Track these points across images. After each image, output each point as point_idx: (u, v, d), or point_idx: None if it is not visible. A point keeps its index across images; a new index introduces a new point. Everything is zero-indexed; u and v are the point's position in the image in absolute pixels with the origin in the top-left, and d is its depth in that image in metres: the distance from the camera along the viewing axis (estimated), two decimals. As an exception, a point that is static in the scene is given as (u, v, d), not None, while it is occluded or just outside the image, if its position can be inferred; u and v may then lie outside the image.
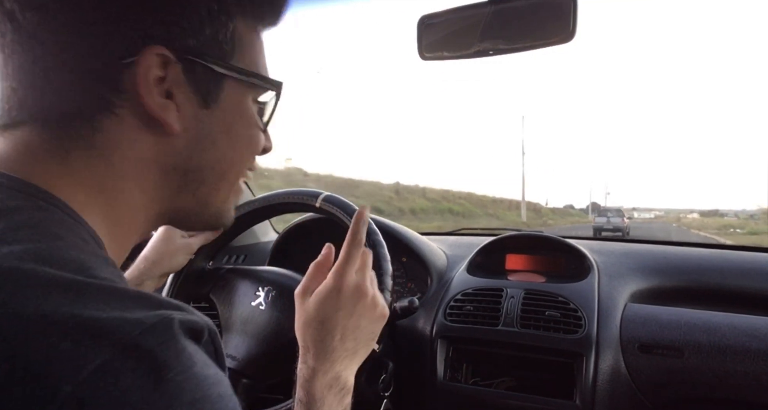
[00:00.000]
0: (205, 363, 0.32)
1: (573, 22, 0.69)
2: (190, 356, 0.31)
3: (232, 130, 0.45)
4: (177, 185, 0.43)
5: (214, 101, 0.42)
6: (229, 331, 0.87)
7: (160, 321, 0.30)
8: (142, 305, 0.31)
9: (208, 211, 0.47)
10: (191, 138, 0.42)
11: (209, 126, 0.43)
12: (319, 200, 0.91)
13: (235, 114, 0.45)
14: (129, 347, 0.28)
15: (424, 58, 0.81)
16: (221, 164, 0.45)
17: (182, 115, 0.41)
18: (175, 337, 0.31)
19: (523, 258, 1.16)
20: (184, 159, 0.42)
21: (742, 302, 0.98)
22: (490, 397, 0.95)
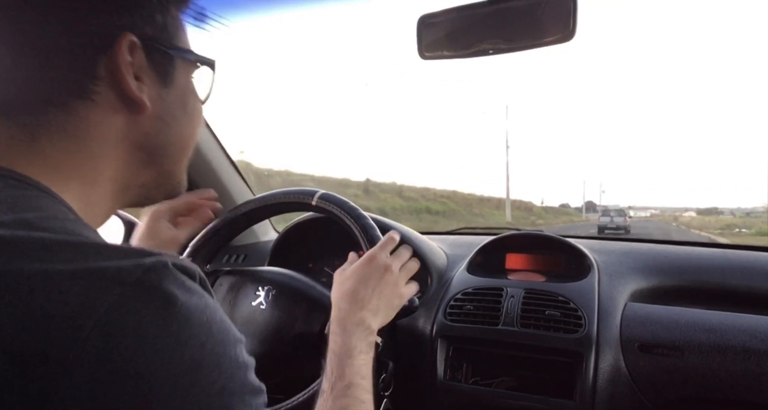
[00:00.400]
0: (204, 294, 0.36)
1: (573, 22, 0.69)
2: (190, 288, 0.35)
3: (187, 105, 0.50)
4: (144, 161, 0.47)
5: (171, 81, 0.47)
6: None
7: (157, 262, 0.34)
8: (137, 254, 0.35)
9: (169, 181, 0.51)
10: (157, 116, 0.46)
11: (170, 104, 0.47)
12: (315, 199, 0.91)
13: (186, 91, 0.50)
14: (136, 284, 0.32)
15: (424, 58, 0.81)
16: (183, 138, 0.50)
17: (149, 95, 0.45)
18: (173, 273, 0.35)
19: (523, 258, 1.15)
20: (152, 136, 0.47)
21: (742, 302, 0.98)
22: (490, 397, 0.95)
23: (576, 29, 0.69)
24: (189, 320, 0.33)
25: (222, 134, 1.29)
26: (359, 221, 0.86)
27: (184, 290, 0.34)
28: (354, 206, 0.89)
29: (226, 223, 0.97)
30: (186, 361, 0.32)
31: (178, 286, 0.34)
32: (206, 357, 0.33)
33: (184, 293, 0.34)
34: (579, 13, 0.68)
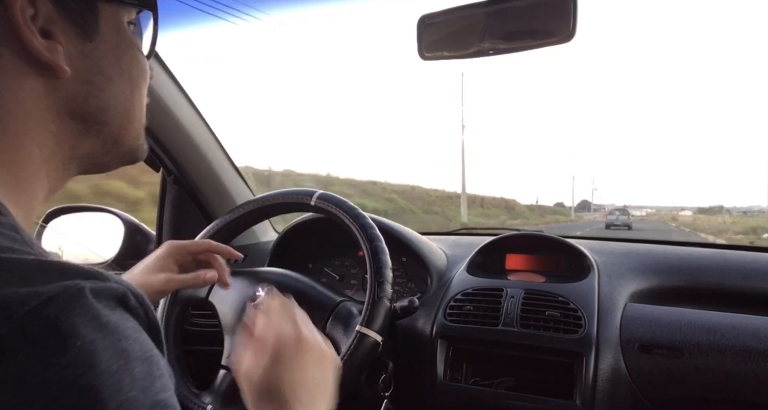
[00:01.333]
0: (125, 335, 0.29)
1: (573, 22, 0.69)
2: (105, 324, 0.28)
3: (123, 60, 0.42)
4: (78, 131, 0.40)
5: (95, 32, 0.39)
6: (231, 334, 0.87)
7: (63, 291, 0.27)
8: (43, 277, 0.28)
9: (120, 149, 0.44)
10: (83, 78, 0.39)
11: (99, 62, 0.40)
12: (314, 199, 0.91)
13: (119, 43, 0.41)
14: (26, 320, 0.26)
15: (424, 58, 0.81)
16: (122, 101, 0.42)
17: (67, 54, 0.37)
18: (83, 306, 0.27)
19: (523, 258, 1.15)
20: (81, 102, 0.39)
21: (742, 302, 0.98)
22: (490, 397, 0.95)
23: (576, 29, 0.69)
24: (92, 367, 0.26)
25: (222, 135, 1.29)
26: (358, 221, 0.86)
27: (95, 326, 0.27)
28: (353, 205, 0.89)
29: (225, 224, 0.97)
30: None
31: (88, 320, 0.27)
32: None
33: (94, 330, 0.27)
34: (579, 14, 0.68)
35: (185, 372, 0.89)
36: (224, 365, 0.84)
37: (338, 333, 0.82)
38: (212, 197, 1.30)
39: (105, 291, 0.29)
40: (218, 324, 0.89)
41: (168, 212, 1.31)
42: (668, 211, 79.76)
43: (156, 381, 0.29)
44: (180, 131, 1.17)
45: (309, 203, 0.92)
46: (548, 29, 0.72)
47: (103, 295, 0.29)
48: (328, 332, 0.83)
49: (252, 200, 0.98)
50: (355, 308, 0.87)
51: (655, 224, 39.86)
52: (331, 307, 0.85)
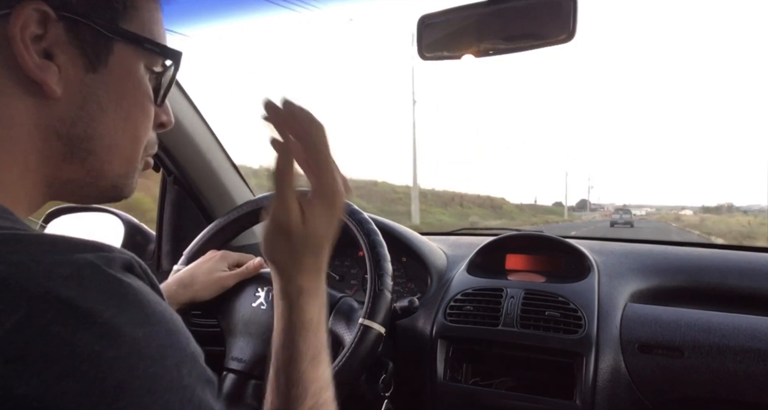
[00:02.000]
0: (145, 301, 0.30)
1: (573, 22, 0.69)
2: (124, 296, 0.30)
3: (125, 98, 0.42)
4: (62, 153, 0.40)
5: (102, 65, 0.40)
6: (233, 335, 0.87)
7: (77, 270, 0.29)
8: (53, 251, 0.29)
9: (102, 183, 0.44)
10: (76, 103, 0.39)
11: (97, 91, 0.40)
12: None
13: (126, 81, 0.42)
14: (45, 298, 0.27)
15: (424, 58, 0.81)
16: (111, 134, 0.42)
17: (65, 77, 0.38)
18: (100, 283, 0.29)
19: (523, 258, 1.16)
20: (68, 125, 0.40)
21: (742, 302, 0.98)
22: (490, 397, 0.95)
23: (576, 30, 0.69)
24: (116, 338, 0.28)
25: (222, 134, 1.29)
26: (354, 217, 0.87)
27: (114, 301, 0.29)
28: (348, 202, 0.89)
29: (221, 227, 0.97)
30: (107, 388, 0.27)
31: (107, 297, 0.29)
32: (137, 381, 0.28)
33: (113, 305, 0.28)
34: (579, 14, 0.68)
35: None
36: (227, 367, 0.84)
37: (341, 327, 0.82)
38: (212, 197, 1.30)
39: (115, 260, 0.31)
40: (218, 324, 0.89)
41: (168, 212, 1.31)
42: (668, 210, 78.23)
43: (181, 336, 0.32)
44: (180, 131, 1.17)
45: None
46: (548, 29, 0.72)
47: (115, 264, 0.31)
48: (331, 327, 0.83)
49: (249, 201, 0.99)
50: (356, 303, 0.87)
51: (656, 225, 37.73)
52: (332, 303, 0.85)
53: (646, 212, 72.93)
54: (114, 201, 0.47)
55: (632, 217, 38.59)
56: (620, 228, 29.54)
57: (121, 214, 1.37)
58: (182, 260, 0.96)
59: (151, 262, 1.34)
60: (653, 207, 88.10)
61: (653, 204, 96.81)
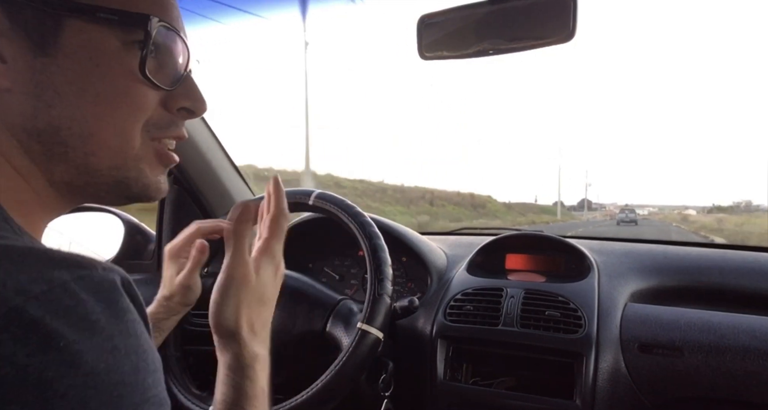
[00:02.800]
0: (116, 331, 0.28)
1: (573, 22, 0.69)
2: (93, 324, 0.27)
3: (87, 80, 0.37)
4: (41, 151, 0.37)
5: (51, 46, 0.36)
6: None
7: (49, 290, 0.27)
8: (31, 266, 0.27)
9: (101, 180, 0.40)
10: (28, 93, 0.36)
11: (50, 77, 0.36)
12: (312, 198, 0.91)
13: (87, 60, 0.37)
14: (10, 317, 0.25)
15: (424, 58, 0.81)
16: (82, 122, 0.37)
17: (11, 67, 0.35)
18: (69, 307, 0.27)
19: (523, 258, 1.15)
20: (29, 118, 0.36)
21: (742, 302, 0.98)
22: (490, 397, 0.95)
23: (576, 29, 0.69)
24: (74, 367, 0.25)
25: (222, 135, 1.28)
26: (356, 219, 0.86)
27: (82, 326, 0.26)
28: (351, 204, 0.89)
29: None
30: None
31: (74, 321, 0.26)
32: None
33: (80, 330, 0.26)
34: (579, 13, 0.68)
35: (186, 372, 0.89)
36: None
37: (339, 330, 0.82)
38: (212, 197, 1.30)
39: (94, 283, 0.29)
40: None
41: (168, 212, 1.31)
42: (671, 210, 76.16)
43: (148, 376, 0.29)
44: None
45: (307, 202, 0.92)
46: (549, 29, 0.72)
47: (92, 288, 0.28)
48: (329, 330, 0.83)
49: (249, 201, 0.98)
50: (356, 306, 0.87)
51: (660, 226, 32.86)
52: (332, 305, 0.85)
53: (648, 212, 70.93)
54: (136, 201, 0.43)
55: (636, 216, 41.96)
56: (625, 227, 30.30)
57: (121, 214, 1.37)
58: None
59: (151, 262, 1.34)
60: (655, 207, 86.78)
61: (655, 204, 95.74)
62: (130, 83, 0.39)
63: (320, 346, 0.84)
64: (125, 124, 0.40)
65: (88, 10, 0.36)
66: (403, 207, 32.12)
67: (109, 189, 0.41)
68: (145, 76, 0.39)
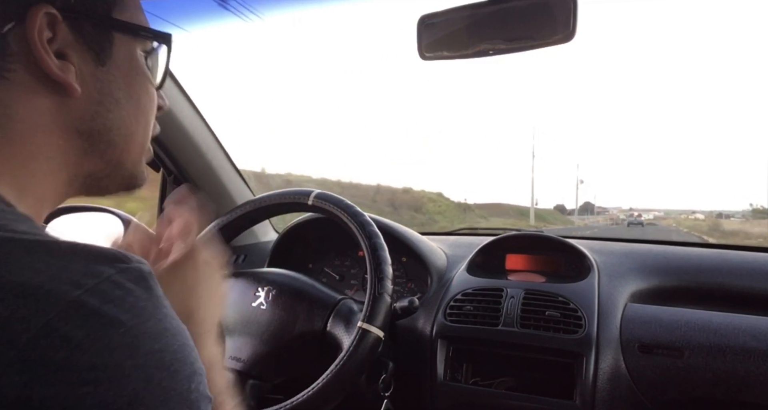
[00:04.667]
0: (162, 315, 0.32)
1: (573, 22, 0.69)
2: (144, 309, 0.31)
3: (132, 87, 0.44)
4: (83, 148, 0.42)
5: (108, 58, 0.42)
6: (231, 334, 0.87)
7: (100, 282, 0.30)
8: (76, 261, 0.30)
9: (120, 173, 0.46)
10: (93, 99, 0.41)
11: (109, 85, 0.42)
12: (311, 198, 0.91)
13: (130, 70, 0.44)
14: (72, 308, 0.28)
15: (424, 58, 0.81)
16: (127, 124, 0.44)
17: (80, 75, 0.40)
18: (121, 296, 0.30)
19: (523, 258, 1.15)
20: (88, 121, 0.41)
21: (742, 302, 0.98)
22: (490, 397, 0.95)
23: (576, 29, 0.69)
24: (136, 348, 0.29)
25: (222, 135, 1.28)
26: (356, 219, 0.86)
27: (136, 312, 0.30)
28: (350, 204, 0.89)
29: (222, 226, 0.97)
30: (123, 396, 0.28)
31: (127, 308, 0.30)
32: (151, 391, 0.29)
33: (134, 316, 0.30)
34: (579, 13, 0.68)
35: None
36: (226, 366, 0.84)
37: (340, 330, 0.82)
38: (212, 197, 1.30)
39: (134, 274, 0.32)
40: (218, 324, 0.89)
41: (168, 212, 1.31)
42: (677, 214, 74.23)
43: (192, 351, 0.33)
44: (180, 131, 1.17)
45: (306, 202, 0.92)
46: (548, 29, 0.72)
47: (134, 278, 0.32)
48: (330, 329, 0.83)
49: (250, 200, 0.99)
50: (356, 305, 0.87)
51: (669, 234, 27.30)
52: (332, 305, 0.85)
53: (654, 216, 67.73)
54: (132, 190, 0.48)
55: (643, 218, 48.06)
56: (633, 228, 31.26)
57: (121, 214, 1.37)
58: None
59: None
60: (661, 210, 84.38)
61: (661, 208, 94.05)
62: (151, 88, 0.47)
63: (321, 346, 0.84)
64: (150, 122, 0.47)
65: (132, 28, 0.43)
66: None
67: (121, 181, 0.47)
68: (163, 83, 0.48)
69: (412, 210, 32.61)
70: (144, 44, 0.45)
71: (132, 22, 0.44)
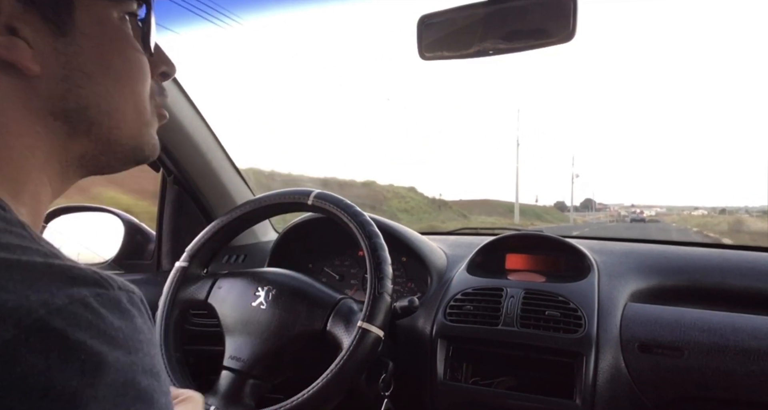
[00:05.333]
0: (134, 348, 0.29)
1: (573, 22, 0.69)
2: (114, 338, 0.28)
3: (107, 56, 0.39)
4: (64, 131, 0.38)
5: (69, 26, 0.36)
6: (231, 334, 0.87)
7: (70, 303, 0.27)
8: (50, 283, 0.28)
9: (118, 149, 0.42)
10: (58, 75, 0.36)
11: (75, 57, 0.37)
12: (311, 198, 0.91)
13: (102, 36, 0.38)
14: (33, 328, 0.25)
15: (424, 58, 0.81)
16: (107, 99, 0.39)
17: (37, 51, 0.35)
18: (91, 320, 0.27)
19: (523, 258, 1.16)
20: (59, 101, 0.37)
21: (742, 302, 0.98)
22: (490, 397, 0.95)
23: (576, 29, 0.69)
24: (96, 378, 0.26)
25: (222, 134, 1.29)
26: (356, 218, 0.87)
27: (105, 339, 0.27)
28: (350, 203, 0.89)
29: (222, 225, 0.97)
30: None
31: (96, 334, 0.27)
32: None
33: (102, 343, 0.27)
34: (579, 13, 0.68)
35: (186, 373, 0.89)
36: (226, 365, 0.84)
37: (340, 329, 0.82)
38: (212, 197, 1.30)
39: (112, 300, 0.29)
40: (219, 324, 0.89)
41: (168, 212, 1.31)
42: (680, 210, 70.84)
43: (162, 396, 0.29)
44: (180, 131, 1.17)
45: (306, 202, 0.92)
46: (548, 29, 0.72)
47: (110, 305, 0.29)
48: (330, 329, 0.83)
49: (250, 200, 0.99)
50: (356, 305, 0.87)
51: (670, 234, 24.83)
52: (332, 304, 0.85)
53: (656, 213, 66.31)
54: (141, 163, 0.45)
55: (645, 215, 53.66)
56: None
57: (121, 214, 1.38)
58: (184, 257, 0.96)
59: (150, 262, 1.35)
60: (663, 207, 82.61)
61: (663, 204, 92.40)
62: (136, 55, 0.41)
63: (321, 345, 0.84)
64: (140, 95, 0.42)
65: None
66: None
67: (123, 157, 0.43)
68: (147, 46, 0.42)
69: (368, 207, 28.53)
70: (122, 5, 0.40)
71: None
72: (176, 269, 0.94)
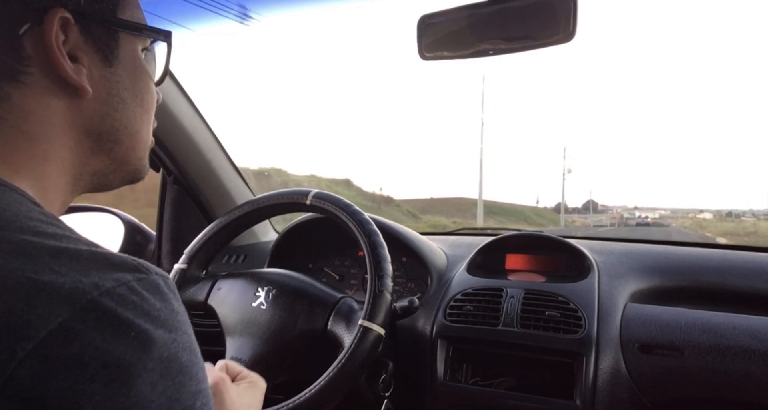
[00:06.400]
0: (173, 327, 0.32)
1: (573, 22, 0.69)
2: (157, 317, 0.31)
3: (137, 85, 0.46)
4: (90, 148, 0.43)
5: (115, 59, 0.43)
6: (232, 335, 0.87)
7: (117, 286, 0.30)
8: (97, 268, 0.31)
9: (125, 168, 0.47)
10: (102, 99, 0.43)
11: (117, 85, 0.44)
12: (310, 198, 0.91)
13: (135, 69, 0.45)
14: (88, 308, 0.29)
15: (424, 58, 0.81)
16: (133, 122, 0.46)
17: (90, 76, 0.41)
18: (136, 302, 0.31)
19: (523, 258, 1.16)
20: (98, 121, 0.43)
21: (742, 302, 0.98)
22: (490, 397, 0.95)
23: (576, 29, 0.69)
24: (145, 353, 0.29)
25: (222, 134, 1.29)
26: (355, 217, 0.87)
27: (149, 318, 0.31)
28: (349, 203, 0.89)
29: (222, 226, 0.97)
30: (130, 398, 0.28)
31: (142, 313, 0.30)
32: (155, 399, 0.29)
33: (147, 322, 0.30)
34: (579, 14, 0.68)
35: None
36: None
37: (341, 328, 0.82)
38: (212, 197, 1.30)
39: (151, 284, 0.33)
40: (219, 324, 0.89)
41: (168, 212, 1.31)
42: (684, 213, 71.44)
43: (200, 370, 0.33)
44: (180, 131, 1.17)
45: (305, 202, 0.92)
46: (548, 29, 0.72)
47: (150, 288, 0.32)
48: (330, 328, 0.83)
49: (250, 200, 0.99)
50: (356, 304, 0.87)
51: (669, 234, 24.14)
52: (333, 303, 0.85)
53: (660, 215, 65.28)
54: (135, 182, 0.50)
55: (648, 218, 52.12)
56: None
57: (122, 214, 1.37)
58: (183, 259, 0.96)
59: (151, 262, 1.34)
60: (667, 210, 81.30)
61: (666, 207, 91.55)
62: (152, 85, 0.48)
63: (321, 345, 0.84)
64: (151, 119, 0.49)
65: (136, 27, 0.44)
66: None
67: (125, 176, 0.48)
68: (163, 79, 0.50)
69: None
70: (144, 42, 0.46)
71: (134, 21, 0.44)
72: (175, 272, 0.94)
